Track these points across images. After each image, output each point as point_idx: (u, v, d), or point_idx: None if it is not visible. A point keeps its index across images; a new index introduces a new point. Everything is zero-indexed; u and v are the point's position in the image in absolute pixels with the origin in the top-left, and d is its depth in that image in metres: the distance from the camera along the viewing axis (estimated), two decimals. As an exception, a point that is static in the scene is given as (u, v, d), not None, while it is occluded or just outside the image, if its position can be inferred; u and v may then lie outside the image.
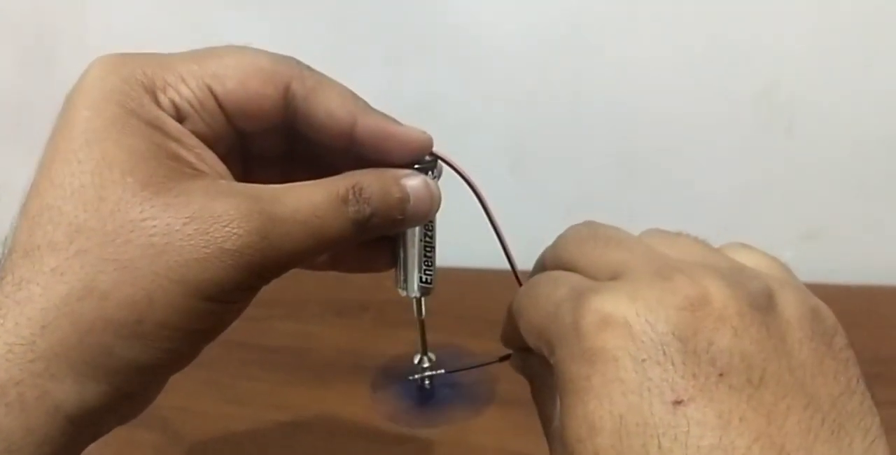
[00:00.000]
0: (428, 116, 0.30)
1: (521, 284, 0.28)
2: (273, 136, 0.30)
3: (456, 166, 0.30)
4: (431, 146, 0.29)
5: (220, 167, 0.28)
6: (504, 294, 0.29)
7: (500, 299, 0.29)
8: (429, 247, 0.31)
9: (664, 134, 0.69)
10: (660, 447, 0.20)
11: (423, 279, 0.31)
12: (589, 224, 0.28)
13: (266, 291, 0.76)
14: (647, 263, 0.24)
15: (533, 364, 0.29)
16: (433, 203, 0.29)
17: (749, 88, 0.65)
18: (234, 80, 0.27)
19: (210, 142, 0.28)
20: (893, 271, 0.67)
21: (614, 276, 0.24)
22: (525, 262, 0.31)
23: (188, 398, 0.57)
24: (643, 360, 0.21)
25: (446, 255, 0.69)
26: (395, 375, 0.35)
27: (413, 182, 0.29)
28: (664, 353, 0.21)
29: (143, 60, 0.27)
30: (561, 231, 0.28)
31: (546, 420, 0.27)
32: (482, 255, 0.32)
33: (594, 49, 0.66)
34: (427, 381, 0.35)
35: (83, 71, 0.27)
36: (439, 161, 0.30)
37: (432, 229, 0.31)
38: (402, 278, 0.32)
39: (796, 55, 0.64)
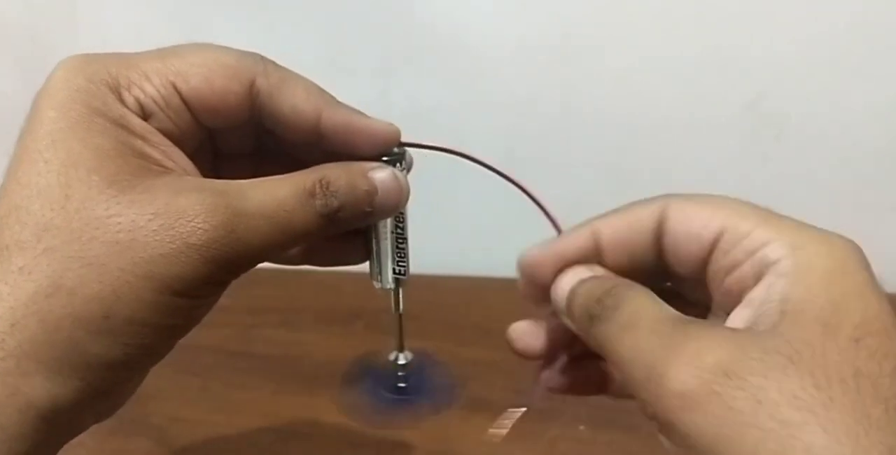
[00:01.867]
0: (419, 126, 0.30)
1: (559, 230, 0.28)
2: (241, 133, 0.31)
3: (432, 145, 0.30)
4: (398, 138, 0.30)
5: (187, 164, 0.28)
6: (494, 302, 0.29)
7: (490, 307, 0.29)
8: (401, 238, 0.31)
9: (654, 143, 0.69)
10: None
11: (397, 271, 0.32)
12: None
13: (258, 299, 0.77)
14: None
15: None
16: (402, 194, 0.30)
17: (738, 99, 0.66)
18: (198, 77, 0.27)
19: (176, 139, 0.28)
20: (882, 280, 0.68)
21: None
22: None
23: (180, 407, 0.57)
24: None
25: (437, 262, 0.69)
26: (369, 373, 0.35)
27: (381, 174, 0.29)
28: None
29: (107, 60, 0.27)
30: (552, 236, 0.28)
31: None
32: (472, 263, 0.32)
33: (585, 59, 0.66)
34: (403, 382, 0.35)
35: (50, 72, 0.27)
36: (408, 153, 0.30)
37: (403, 221, 0.31)
38: (376, 271, 0.32)
39: (785, 66, 0.64)
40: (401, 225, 0.31)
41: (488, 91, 0.69)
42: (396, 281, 0.32)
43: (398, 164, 0.30)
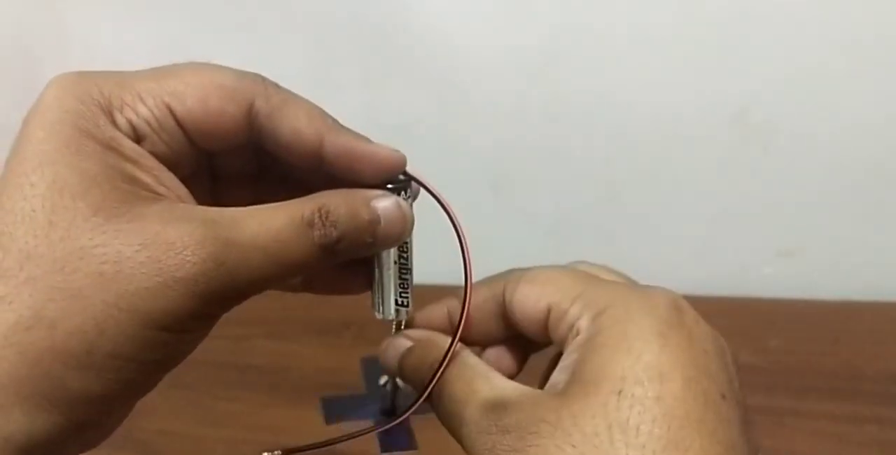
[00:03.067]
0: (407, 139, 0.30)
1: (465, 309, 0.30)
2: (241, 156, 0.29)
3: (429, 187, 0.29)
4: (404, 165, 0.28)
5: (180, 189, 0.27)
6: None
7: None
8: (404, 269, 0.30)
9: (641, 154, 0.69)
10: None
11: (399, 302, 0.30)
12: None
13: (246, 310, 0.76)
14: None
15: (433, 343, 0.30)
16: (406, 225, 0.28)
17: (725, 110, 0.66)
18: (193, 98, 0.26)
19: (171, 162, 0.27)
20: (869, 287, 0.68)
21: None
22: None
23: (167, 420, 0.57)
24: (705, 352, 0.26)
25: (433, 272, 0.69)
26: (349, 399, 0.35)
27: (384, 203, 0.27)
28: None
29: (100, 79, 0.26)
30: (543, 249, 0.29)
31: (476, 396, 0.27)
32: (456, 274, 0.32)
33: (572, 72, 0.67)
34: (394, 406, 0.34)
35: (41, 91, 0.26)
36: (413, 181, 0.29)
37: (407, 250, 0.30)
38: (378, 301, 0.31)
39: (773, 77, 0.65)
40: (405, 255, 0.30)
41: (477, 104, 0.70)
42: (398, 313, 0.31)
43: (403, 193, 0.28)
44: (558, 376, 0.26)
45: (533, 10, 0.65)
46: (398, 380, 0.33)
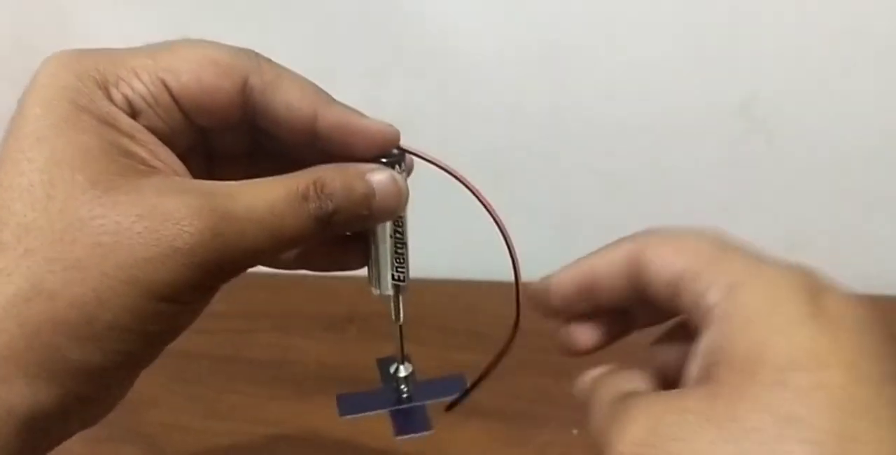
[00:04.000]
0: (409, 131, 0.30)
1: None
2: (236, 132, 0.30)
3: (428, 157, 0.29)
4: (398, 139, 0.29)
5: (176, 164, 0.27)
6: (487, 306, 0.29)
7: (483, 311, 0.29)
8: (400, 243, 0.30)
9: (644, 148, 0.69)
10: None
11: (396, 277, 0.30)
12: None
13: (251, 304, 0.76)
14: None
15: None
16: (401, 198, 0.28)
17: (729, 100, 0.66)
18: (188, 74, 0.27)
19: (166, 138, 0.27)
20: (876, 280, 0.68)
21: None
22: (509, 275, 0.31)
23: (172, 414, 0.57)
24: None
25: (430, 266, 0.69)
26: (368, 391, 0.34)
27: (379, 176, 0.28)
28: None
29: (96, 56, 0.26)
30: (547, 243, 0.28)
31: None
32: (469, 267, 0.32)
33: (573, 63, 0.66)
34: (405, 393, 0.33)
35: (37, 68, 0.26)
36: (408, 155, 0.29)
37: (403, 225, 0.30)
38: (374, 276, 0.31)
39: (775, 67, 0.64)
40: (400, 229, 0.30)
41: (476, 96, 0.69)
42: (396, 287, 0.31)
43: (397, 167, 0.29)
44: (698, 361, 0.24)
45: (536, 3, 0.65)
46: (406, 365, 0.33)
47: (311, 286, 0.69)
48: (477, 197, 0.30)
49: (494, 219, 0.30)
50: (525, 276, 0.31)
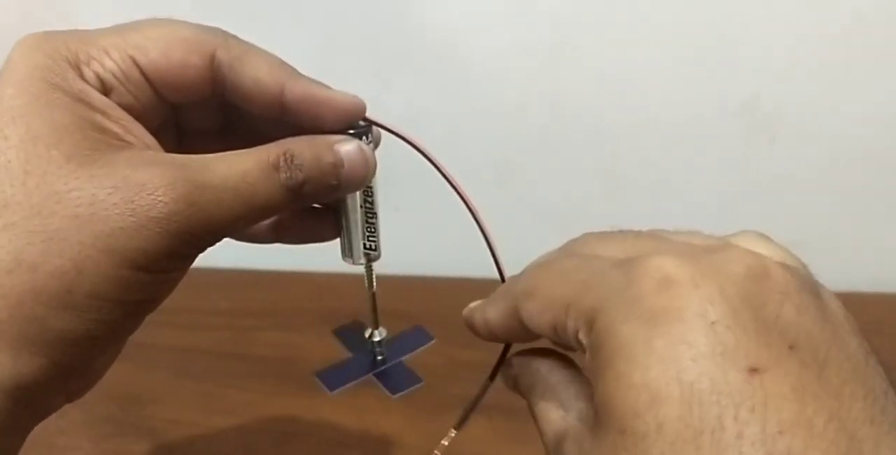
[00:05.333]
0: (414, 129, 0.30)
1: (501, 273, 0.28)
2: (205, 109, 0.30)
3: (392, 128, 0.30)
4: (364, 110, 0.29)
5: (148, 138, 0.28)
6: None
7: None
8: (370, 213, 0.31)
9: (648, 145, 0.69)
10: (736, 419, 0.18)
11: (367, 246, 0.31)
12: (604, 231, 0.27)
13: (256, 302, 0.76)
14: (688, 245, 0.24)
15: (527, 367, 0.28)
16: (368, 168, 0.29)
17: (732, 100, 0.66)
18: (156, 51, 0.27)
19: (138, 114, 0.28)
20: (878, 278, 0.68)
21: (658, 253, 0.22)
22: (513, 273, 0.31)
23: (176, 410, 0.57)
24: (713, 323, 0.20)
25: (434, 264, 0.69)
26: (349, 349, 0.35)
27: (346, 147, 0.28)
28: (735, 318, 0.20)
29: (66, 36, 0.27)
30: (549, 242, 0.28)
31: (550, 426, 0.26)
32: (472, 265, 0.32)
33: (578, 62, 0.67)
34: (381, 355, 0.34)
35: (9, 52, 0.27)
36: (375, 128, 0.30)
37: (372, 195, 0.31)
38: (346, 247, 0.32)
39: (779, 67, 0.64)
40: (370, 199, 0.31)
41: (480, 96, 0.69)
42: (367, 256, 0.32)
43: (364, 138, 0.29)
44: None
45: (539, 4, 0.65)
46: (380, 330, 0.35)
47: (314, 283, 0.69)
48: (446, 179, 0.30)
49: (463, 199, 0.30)
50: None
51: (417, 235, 0.65)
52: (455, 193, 0.30)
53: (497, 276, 0.31)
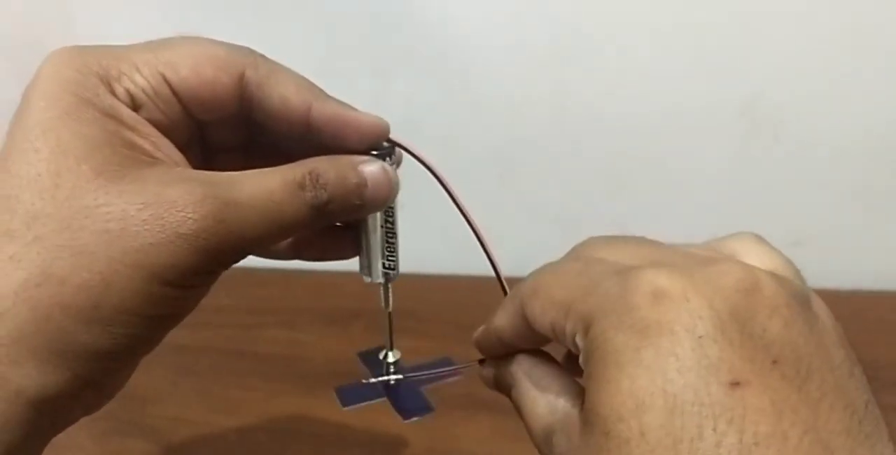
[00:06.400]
0: (416, 128, 0.30)
1: (504, 288, 0.28)
2: (232, 126, 0.31)
3: (415, 153, 0.30)
4: (388, 132, 0.30)
5: (177, 155, 0.28)
6: (496, 302, 0.29)
7: (492, 307, 0.29)
8: (390, 233, 0.31)
9: (650, 144, 0.69)
10: (715, 429, 0.19)
11: (386, 265, 0.32)
12: (609, 235, 0.27)
13: (258, 300, 0.76)
14: (686, 255, 0.24)
15: (507, 365, 0.28)
16: (392, 188, 0.30)
17: (735, 98, 0.66)
18: (187, 68, 0.28)
19: (166, 130, 0.28)
20: (880, 276, 0.68)
21: (654, 265, 0.23)
22: (515, 272, 0.31)
23: (179, 408, 0.57)
24: (700, 337, 0.20)
25: (439, 262, 0.69)
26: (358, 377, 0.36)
27: (370, 168, 0.29)
28: (722, 332, 0.20)
29: (98, 52, 0.27)
30: (550, 241, 0.28)
31: (538, 421, 0.26)
32: (477, 263, 0.32)
33: (579, 61, 0.67)
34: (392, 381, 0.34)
35: (40, 64, 0.27)
36: (398, 148, 0.30)
37: (393, 215, 0.31)
38: (365, 265, 0.32)
39: (781, 65, 0.64)
40: (390, 219, 0.31)
41: (484, 93, 0.69)
42: (386, 276, 0.32)
43: (387, 159, 0.30)
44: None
45: (541, 3, 0.65)
46: (394, 351, 0.35)
47: (317, 282, 0.69)
48: (453, 200, 0.31)
49: (464, 214, 0.31)
50: (527, 273, 0.31)
51: (417, 235, 0.66)
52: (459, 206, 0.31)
53: (496, 275, 0.31)
